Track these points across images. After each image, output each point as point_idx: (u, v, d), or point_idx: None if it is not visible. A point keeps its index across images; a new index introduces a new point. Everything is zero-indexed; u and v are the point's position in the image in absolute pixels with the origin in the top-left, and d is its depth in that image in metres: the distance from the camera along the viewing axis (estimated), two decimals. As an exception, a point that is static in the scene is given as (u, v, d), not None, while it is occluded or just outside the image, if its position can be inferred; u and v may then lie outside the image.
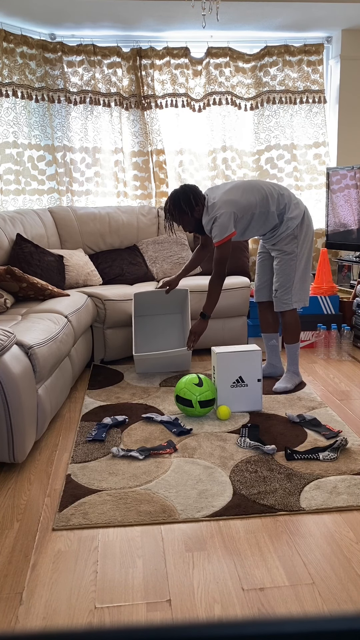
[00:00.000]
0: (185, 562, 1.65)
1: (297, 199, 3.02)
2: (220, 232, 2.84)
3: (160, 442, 2.45)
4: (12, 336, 2.20)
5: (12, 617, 1.45)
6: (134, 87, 4.51)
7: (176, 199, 2.91)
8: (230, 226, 2.85)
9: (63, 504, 1.96)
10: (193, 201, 2.90)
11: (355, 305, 3.91)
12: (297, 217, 2.95)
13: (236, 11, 3.95)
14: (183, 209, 2.91)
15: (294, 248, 2.97)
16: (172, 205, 2.93)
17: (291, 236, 2.96)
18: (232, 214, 2.85)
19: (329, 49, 4.71)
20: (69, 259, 3.90)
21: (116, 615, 1.44)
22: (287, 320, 3.09)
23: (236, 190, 2.90)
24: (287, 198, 2.97)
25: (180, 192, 2.92)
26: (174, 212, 2.94)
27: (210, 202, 2.91)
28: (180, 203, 2.90)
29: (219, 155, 4.67)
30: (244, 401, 2.78)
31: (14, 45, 4.16)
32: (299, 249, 2.98)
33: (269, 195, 2.93)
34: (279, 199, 2.95)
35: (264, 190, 2.93)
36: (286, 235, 2.96)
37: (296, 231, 2.96)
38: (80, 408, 2.92)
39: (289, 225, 2.94)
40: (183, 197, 2.90)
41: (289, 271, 2.99)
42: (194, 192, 2.92)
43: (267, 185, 2.98)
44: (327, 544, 1.72)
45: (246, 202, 2.89)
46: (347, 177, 4.26)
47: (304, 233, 2.98)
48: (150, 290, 3.51)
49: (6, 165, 4.24)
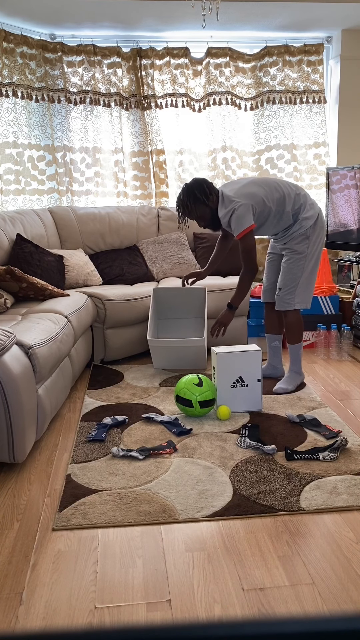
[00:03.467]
0: (185, 562, 1.65)
1: (313, 200, 2.99)
2: (239, 224, 2.80)
3: (160, 442, 2.45)
4: (12, 336, 2.20)
5: (12, 617, 1.45)
6: (134, 87, 4.51)
7: (190, 190, 2.88)
8: (249, 217, 2.80)
9: (63, 504, 1.96)
10: (207, 189, 2.87)
11: (355, 305, 3.91)
12: (311, 218, 2.92)
13: (236, 11, 3.95)
14: (198, 197, 2.86)
15: (305, 248, 2.94)
16: (185, 197, 2.88)
17: (303, 236, 2.93)
18: (250, 206, 2.80)
19: (329, 49, 4.71)
20: (69, 259, 3.90)
21: (116, 615, 1.44)
22: (290, 320, 3.06)
23: (253, 185, 2.88)
24: (304, 198, 2.94)
25: (192, 183, 2.90)
26: (188, 203, 2.88)
27: (226, 195, 2.86)
28: (195, 192, 2.86)
29: (219, 155, 4.67)
30: (244, 401, 2.78)
31: (14, 45, 4.16)
32: (309, 250, 2.95)
33: (286, 195, 2.90)
34: (295, 198, 2.91)
35: (282, 190, 2.90)
36: (298, 235, 2.93)
37: (309, 231, 2.93)
38: (80, 408, 2.92)
39: (303, 225, 2.92)
40: (197, 186, 2.88)
41: (296, 271, 2.96)
42: (206, 182, 2.90)
43: (285, 184, 2.94)
44: (327, 544, 1.72)
45: (264, 197, 2.85)
46: (347, 177, 4.26)
47: (316, 234, 2.95)
48: (169, 286, 3.63)
49: (6, 165, 4.24)
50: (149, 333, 3.39)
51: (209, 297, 3.72)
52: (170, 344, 3.36)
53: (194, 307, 3.74)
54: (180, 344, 3.35)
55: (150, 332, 3.45)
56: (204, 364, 3.50)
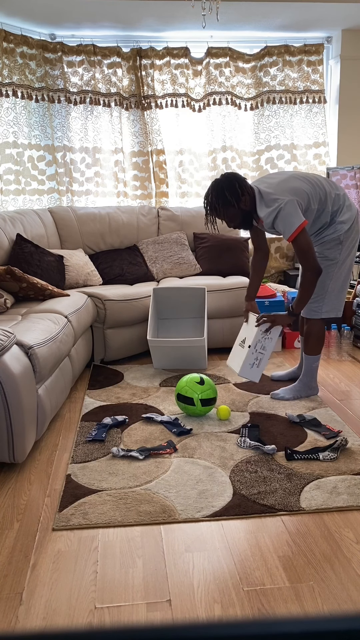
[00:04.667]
0: (185, 562, 1.65)
1: (350, 201, 2.73)
2: (289, 223, 2.49)
3: (160, 442, 2.45)
4: (12, 336, 2.20)
5: (12, 617, 1.45)
6: (134, 87, 4.51)
7: (219, 189, 2.56)
8: (299, 214, 2.48)
9: (63, 504, 1.96)
10: (239, 189, 2.56)
11: (355, 305, 3.91)
12: (347, 222, 2.67)
13: (236, 11, 3.95)
14: (228, 199, 2.56)
15: (337, 255, 2.70)
16: (214, 197, 2.57)
17: (336, 241, 2.69)
18: (295, 202, 2.50)
19: (329, 49, 4.71)
20: (69, 259, 3.90)
21: (116, 615, 1.44)
22: (310, 330, 2.86)
23: (295, 179, 2.60)
24: (342, 198, 2.69)
25: (223, 180, 2.57)
26: (217, 205, 2.58)
27: (265, 192, 2.56)
28: (225, 193, 2.55)
29: (219, 155, 4.67)
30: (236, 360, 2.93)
31: (14, 45, 4.16)
32: (342, 256, 2.71)
33: (328, 193, 2.64)
34: (335, 198, 2.66)
35: (324, 187, 2.65)
36: (331, 239, 2.69)
37: (342, 237, 2.68)
38: (80, 408, 2.92)
39: (338, 228, 2.67)
40: (227, 185, 2.56)
41: (324, 278, 2.73)
42: (239, 179, 2.58)
43: (326, 181, 2.69)
44: (327, 544, 1.72)
45: (308, 192, 2.57)
46: (347, 177, 4.26)
47: (351, 239, 2.71)
48: (169, 286, 3.63)
49: (6, 165, 4.24)
50: (149, 333, 3.40)
51: (209, 297, 3.72)
52: (170, 344, 3.36)
53: (194, 307, 3.74)
54: (180, 344, 3.35)
55: (150, 332, 3.45)
56: (204, 364, 3.50)
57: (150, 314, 3.50)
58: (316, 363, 2.94)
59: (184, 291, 3.65)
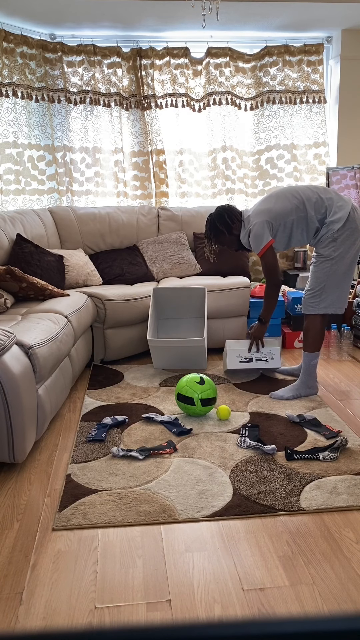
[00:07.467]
0: (185, 562, 1.65)
1: (343, 200, 2.87)
2: (257, 242, 2.87)
3: (160, 442, 2.45)
4: (12, 336, 2.20)
5: (12, 617, 1.45)
6: (134, 87, 4.51)
7: (212, 222, 3.00)
8: (266, 234, 2.85)
9: (63, 504, 1.96)
10: (228, 220, 2.98)
11: (355, 305, 3.91)
12: (339, 220, 2.81)
13: (236, 11, 3.95)
14: (219, 229, 2.98)
15: (331, 252, 2.84)
16: (209, 230, 3.02)
17: (330, 239, 2.84)
18: (264, 223, 2.85)
19: (329, 49, 4.71)
20: (69, 259, 3.90)
21: (116, 615, 1.44)
22: (308, 326, 2.96)
23: (269, 199, 2.92)
24: (329, 201, 2.86)
25: (214, 214, 3.02)
26: (211, 236, 3.02)
27: (245, 216, 2.97)
28: (216, 224, 2.99)
29: (219, 155, 4.67)
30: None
31: (14, 45, 4.16)
32: (337, 253, 2.83)
33: (305, 199, 2.86)
34: (317, 202, 2.85)
35: (300, 195, 2.87)
36: (325, 238, 2.86)
37: (336, 234, 2.83)
38: (80, 408, 2.92)
39: (330, 228, 2.83)
40: (217, 218, 2.99)
41: (320, 274, 2.87)
42: (228, 210, 3.00)
43: (305, 189, 2.90)
44: (327, 544, 1.72)
45: (280, 209, 2.86)
46: (347, 177, 4.26)
47: (345, 236, 2.82)
48: (169, 286, 3.64)
49: (6, 165, 4.24)
50: (149, 333, 3.40)
51: (209, 297, 3.72)
52: (170, 344, 3.36)
53: (194, 307, 3.74)
54: (180, 344, 3.35)
55: (150, 332, 3.45)
56: (204, 364, 3.50)
57: (150, 314, 3.50)
58: (315, 360, 2.97)
59: (184, 291, 3.65)
